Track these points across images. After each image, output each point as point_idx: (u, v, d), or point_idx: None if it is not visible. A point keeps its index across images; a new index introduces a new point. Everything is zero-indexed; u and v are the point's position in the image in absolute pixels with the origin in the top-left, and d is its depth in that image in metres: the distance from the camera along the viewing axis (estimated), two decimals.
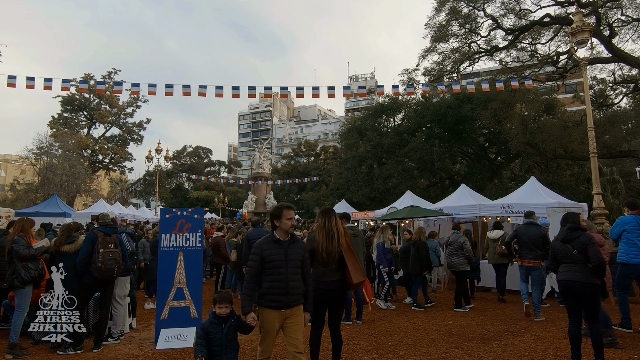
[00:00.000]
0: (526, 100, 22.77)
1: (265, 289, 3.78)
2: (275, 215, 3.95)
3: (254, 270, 3.82)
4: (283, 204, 4.01)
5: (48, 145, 34.46)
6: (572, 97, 28.21)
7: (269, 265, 3.78)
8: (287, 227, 3.89)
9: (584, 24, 10.45)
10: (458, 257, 8.60)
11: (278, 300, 3.77)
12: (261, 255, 3.80)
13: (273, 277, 3.77)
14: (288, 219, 3.90)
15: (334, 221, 4.52)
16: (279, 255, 3.82)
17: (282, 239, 3.89)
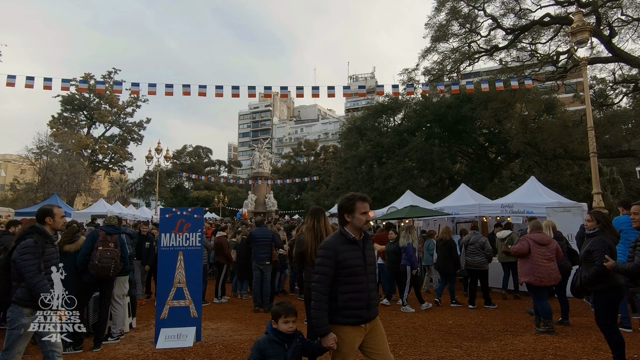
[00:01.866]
0: (526, 100, 22.76)
1: (343, 302, 3.01)
2: (346, 209, 3.18)
3: (327, 278, 3.02)
4: (356, 194, 3.23)
5: (48, 144, 34.49)
6: (572, 96, 28.22)
7: (346, 271, 3.03)
8: (361, 223, 3.14)
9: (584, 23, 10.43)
10: (479, 256, 8.77)
11: (359, 316, 3.07)
12: (336, 258, 3.03)
13: (352, 287, 3.04)
14: (362, 213, 3.14)
15: (323, 222, 4.52)
16: (358, 258, 3.10)
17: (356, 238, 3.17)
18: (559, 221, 9.92)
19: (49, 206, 4.26)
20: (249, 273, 9.46)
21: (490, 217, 12.12)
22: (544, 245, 6.54)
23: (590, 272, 4.44)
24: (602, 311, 4.50)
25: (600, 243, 4.46)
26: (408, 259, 8.63)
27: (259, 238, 8.71)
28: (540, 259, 6.47)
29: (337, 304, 2.99)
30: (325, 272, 3.02)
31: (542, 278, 6.37)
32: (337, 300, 3.00)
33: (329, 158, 50.08)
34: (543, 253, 6.50)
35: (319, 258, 3.08)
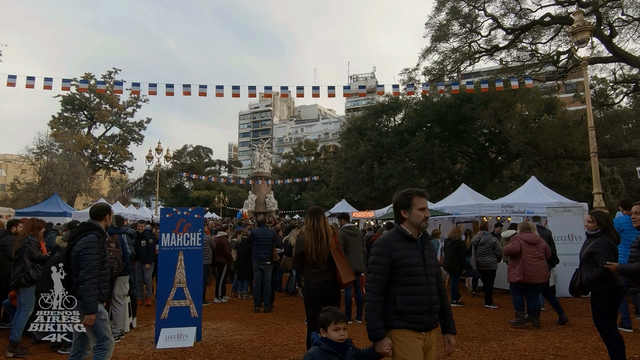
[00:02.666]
0: (526, 100, 22.76)
1: (402, 305, 2.71)
2: (402, 204, 2.91)
3: (382, 278, 2.75)
4: (412, 189, 2.97)
5: (48, 144, 34.51)
6: (573, 96, 28.21)
7: (403, 271, 2.76)
8: (419, 219, 2.85)
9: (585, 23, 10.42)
10: (490, 256, 8.82)
11: (421, 321, 2.76)
12: (391, 256, 2.76)
13: (410, 289, 2.74)
14: (420, 209, 2.87)
15: (322, 222, 4.52)
16: (416, 257, 2.82)
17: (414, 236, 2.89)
18: (559, 221, 9.94)
19: (107, 204, 4.38)
20: (249, 273, 9.46)
21: (490, 217, 12.11)
22: (533, 245, 6.87)
23: (593, 274, 4.41)
24: (601, 312, 4.48)
25: (604, 245, 4.44)
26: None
27: (259, 238, 8.71)
28: (531, 258, 6.78)
29: (395, 307, 2.72)
30: (379, 271, 2.77)
31: (532, 276, 6.69)
32: (395, 303, 2.72)
33: (329, 158, 50.08)
34: (533, 252, 6.83)
35: (373, 256, 2.83)
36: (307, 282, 4.58)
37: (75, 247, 3.87)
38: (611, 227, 4.71)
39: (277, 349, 5.75)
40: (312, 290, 4.51)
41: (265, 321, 7.57)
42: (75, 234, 3.98)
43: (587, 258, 4.56)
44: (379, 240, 2.91)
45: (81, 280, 3.79)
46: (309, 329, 4.59)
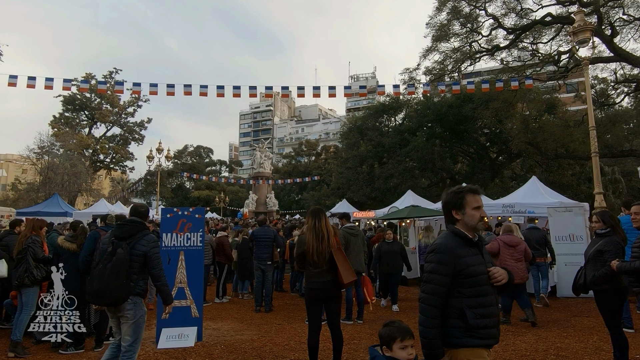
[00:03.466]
0: (527, 100, 22.75)
1: (473, 320, 2.38)
2: (454, 204, 2.59)
3: (442, 290, 2.41)
4: (464, 186, 2.65)
5: (49, 144, 34.54)
6: (574, 96, 28.16)
7: (470, 281, 2.42)
8: (474, 220, 2.53)
9: (586, 23, 10.41)
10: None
11: (492, 336, 2.45)
12: (454, 265, 2.42)
13: (480, 300, 2.42)
14: (475, 208, 2.53)
15: (324, 222, 4.52)
16: (481, 264, 2.48)
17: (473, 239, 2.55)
18: (560, 221, 9.93)
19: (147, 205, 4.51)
20: (249, 272, 9.47)
21: (491, 217, 12.09)
22: (512, 247, 7.22)
23: (600, 272, 4.38)
24: (610, 312, 4.46)
25: (614, 244, 4.42)
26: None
27: (260, 238, 8.71)
28: (509, 259, 7.10)
29: (466, 322, 2.37)
30: (440, 282, 2.41)
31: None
32: (464, 318, 2.38)
33: (329, 158, 50.09)
34: (511, 254, 7.18)
35: (432, 264, 2.47)
36: (308, 282, 4.58)
37: (138, 246, 3.97)
38: (618, 225, 4.70)
39: (278, 349, 5.75)
40: (313, 290, 4.51)
41: (266, 321, 7.57)
42: (131, 232, 4.04)
43: (595, 256, 4.52)
44: (439, 246, 2.51)
45: (158, 277, 4.03)
46: (309, 328, 4.60)
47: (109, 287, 3.76)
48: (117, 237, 3.99)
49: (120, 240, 3.96)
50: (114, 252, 3.87)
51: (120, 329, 4.00)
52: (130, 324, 3.90)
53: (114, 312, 3.99)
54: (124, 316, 3.91)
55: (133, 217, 4.23)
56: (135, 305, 3.93)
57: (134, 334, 3.93)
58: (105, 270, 3.79)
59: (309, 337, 4.55)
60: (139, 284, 4.00)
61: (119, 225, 4.22)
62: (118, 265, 3.80)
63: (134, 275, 3.93)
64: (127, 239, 3.98)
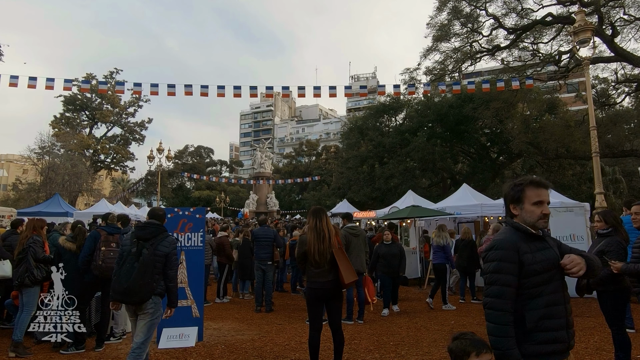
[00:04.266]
0: (528, 100, 22.74)
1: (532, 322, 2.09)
2: (511, 198, 2.34)
3: (510, 291, 2.13)
4: (525, 178, 2.35)
5: (50, 145, 34.56)
6: (574, 96, 28.16)
7: (535, 280, 2.13)
8: (533, 218, 2.24)
9: (586, 23, 10.40)
10: None
11: (560, 339, 2.12)
12: (519, 260, 2.15)
13: (545, 300, 2.13)
14: (536, 202, 2.25)
15: (325, 221, 4.52)
16: (549, 259, 2.18)
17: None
18: (561, 221, 9.93)
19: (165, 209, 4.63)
20: (249, 272, 9.47)
21: (492, 217, 12.10)
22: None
23: (603, 273, 4.37)
24: (613, 312, 4.46)
25: (616, 244, 4.40)
26: (447, 258, 8.89)
27: (260, 238, 8.72)
28: None
29: (523, 326, 2.09)
30: (507, 281, 2.12)
31: None
32: (523, 322, 2.10)
33: (330, 158, 50.07)
34: None
35: (494, 263, 2.18)
36: (309, 282, 4.58)
37: (160, 247, 4.12)
38: (620, 225, 4.69)
39: (278, 349, 5.75)
40: (315, 290, 4.51)
41: (267, 321, 7.57)
42: (153, 234, 4.18)
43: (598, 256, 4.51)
44: (499, 242, 2.22)
45: (172, 278, 4.17)
46: (310, 328, 4.60)
47: (136, 286, 3.92)
48: (140, 239, 4.14)
49: (143, 242, 4.11)
50: (139, 253, 4.03)
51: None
52: (146, 322, 4.04)
53: (134, 310, 4.09)
54: (144, 313, 4.04)
55: (152, 220, 4.37)
56: (155, 305, 4.08)
57: (147, 332, 4.05)
58: (133, 270, 3.96)
59: (310, 337, 4.55)
60: (160, 284, 4.14)
61: (141, 227, 4.35)
62: (145, 265, 3.98)
63: (156, 276, 4.08)
64: (149, 240, 4.13)
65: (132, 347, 4.02)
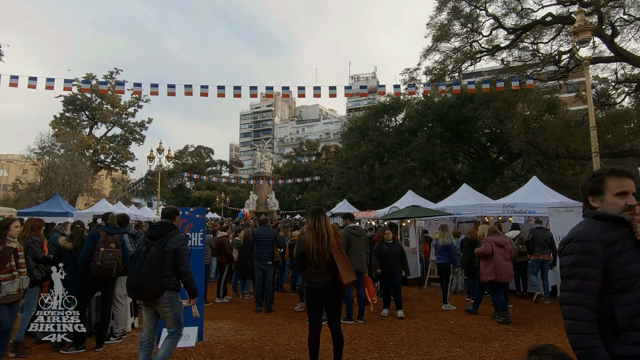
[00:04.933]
0: (528, 100, 22.73)
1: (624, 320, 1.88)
2: (590, 189, 2.16)
3: (593, 285, 1.94)
4: (606, 168, 2.16)
5: (50, 145, 34.55)
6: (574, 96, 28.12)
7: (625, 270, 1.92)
8: (615, 210, 2.03)
9: (586, 23, 10.40)
10: None
11: None
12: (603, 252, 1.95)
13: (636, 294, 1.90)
14: (618, 194, 2.05)
15: (324, 222, 4.53)
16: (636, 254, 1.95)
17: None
18: (561, 221, 9.93)
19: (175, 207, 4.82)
20: (249, 272, 9.46)
21: (492, 217, 12.09)
22: (502, 247, 7.44)
23: None
24: None
25: None
26: (451, 257, 8.94)
27: (260, 238, 8.72)
28: (501, 259, 7.35)
29: (611, 324, 1.90)
30: (587, 275, 1.93)
31: (502, 275, 7.29)
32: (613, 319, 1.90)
33: (330, 158, 50.07)
34: (502, 254, 7.41)
35: (573, 256, 1.99)
36: (308, 282, 4.58)
37: (169, 244, 4.29)
38: None
39: (278, 349, 5.75)
40: (314, 290, 4.51)
41: (267, 321, 7.57)
42: (162, 232, 4.37)
43: None
44: (579, 233, 2.04)
45: (184, 273, 4.33)
46: (310, 328, 4.60)
47: (145, 283, 4.12)
48: (150, 238, 4.35)
49: (153, 240, 4.31)
50: (148, 251, 4.23)
51: (150, 322, 4.39)
52: (170, 316, 4.30)
53: (151, 305, 4.31)
54: (162, 310, 4.26)
55: (163, 219, 4.58)
56: (171, 299, 4.28)
57: (176, 323, 4.34)
58: (142, 268, 4.16)
59: (310, 337, 4.55)
60: (173, 279, 4.31)
61: (152, 226, 4.56)
62: (152, 263, 4.16)
63: (168, 272, 4.26)
64: (159, 239, 4.32)
65: (169, 333, 4.34)
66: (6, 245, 4.77)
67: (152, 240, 4.31)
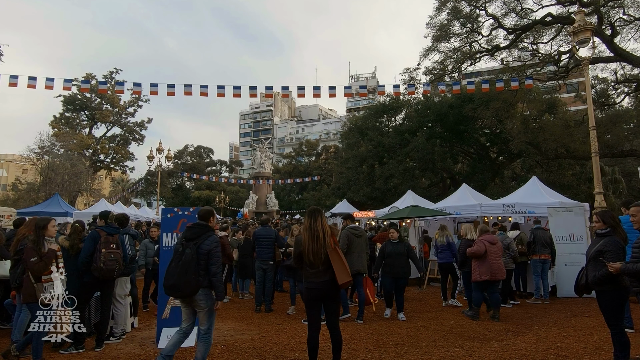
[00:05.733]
0: (528, 100, 22.74)
1: None
2: None
3: None
4: None
5: (50, 144, 34.53)
6: (574, 96, 28.16)
7: None
8: None
9: (586, 23, 10.42)
10: (505, 256, 8.83)
11: None
12: None
13: None
14: None
15: (320, 222, 4.53)
16: None
17: None
18: (561, 221, 9.95)
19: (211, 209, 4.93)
20: (250, 272, 9.46)
21: (491, 217, 12.10)
22: (494, 244, 7.64)
23: (600, 273, 4.37)
24: (611, 312, 4.48)
25: (614, 244, 4.41)
26: (454, 255, 8.99)
27: (262, 238, 8.73)
28: (494, 257, 7.52)
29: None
30: None
31: (496, 273, 7.48)
32: None
33: (330, 158, 50.09)
34: (495, 252, 7.58)
35: None
36: (306, 282, 4.59)
37: (203, 245, 4.48)
38: (618, 225, 4.69)
39: (278, 349, 5.76)
40: (311, 290, 4.52)
41: (267, 321, 7.57)
42: (198, 233, 4.55)
43: (595, 256, 4.51)
44: None
45: (214, 273, 4.48)
46: (309, 328, 4.60)
47: (180, 282, 4.33)
48: (187, 239, 4.54)
49: (189, 241, 4.50)
50: (183, 252, 4.44)
51: (189, 317, 4.62)
52: (204, 312, 4.50)
53: (188, 302, 4.53)
54: (198, 306, 4.47)
55: (199, 221, 4.75)
56: (206, 297, 4.47)
57: (209, 321, 4.54)
58: (177, 268, 4.38)
59: (309, 337, 4.55)
60: (207, 278, 4.48)
61: (188, 227, 4.73)
62: (187, 263, 4.37)
63: (202, 271, 4.43)
64: (194, 240, 4.50)
65: (200, 333, 4.54)
66: (48, 247, 4.96)
67: (187, 242, 4.50)
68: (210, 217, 4.80)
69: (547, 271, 9.34)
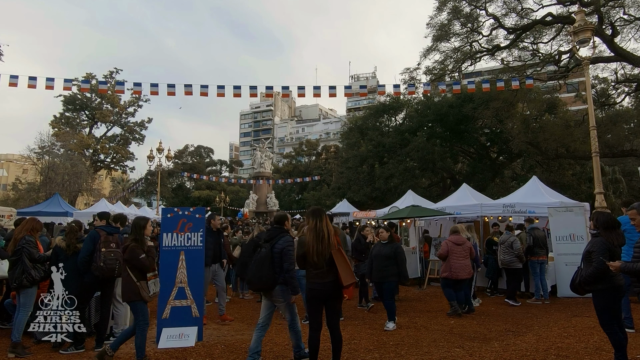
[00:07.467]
0: (528, 100, 22.75)
1: None
2: None
3: None
4: None
5: (50, 144, 34.55)
6: (574, 96, 28.20)
7: None
8: None
9: (586, 23, 10.41)
10: (509, 255, 9.10)
11: None
12: None
13: None
14: None
15: (325, 222, 4.52)
16: None
17: None
18: (561, 221, 9.93)
19: (286, 213, 5.44)
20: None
21: (492, 217, 12.09)
22: (459, 245, 7.95)
23: (587, 272, 4.47)
24: (602, 311, 4.52)
25: (599, 244, 4.49)
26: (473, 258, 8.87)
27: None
28: (456, 257, 7.85)
29: None
30: None
31: (458, 272, 7.79)
32: None
33: (330, 158, 50.05)
34: (459, 252, 7.89)
35: None
36: (309, 283, 4.58)
37: (277, 245, 4.88)
38: (613, 227, 4.69)
39: (278, 349, 5.75)
40: (314, 290, 4.51)
41: None
42: (273, 235, 5.01)
43: (585, 256, 4.63)
44: None
45: (288, 270, 4.81)
46: (310, 328, 4.59)
47: (255, 278, 4.88)
48: (265, 240, 5.09)
49: (267, 242, 5.01)
50: (260, 251, 4.96)
51: (266, 309, 5.09)
52: (284, 306, 4.96)
53: (267, 296, 5.03)
54: (276, 300, 4.95)
55: (276, 224, 5.21)
56: (282, 292, 4.87)
57: (290, 313, 5.00)
58: (254, 265, 4.92)
59: (309, 337, 4.54)
60: (282, 275, 4.85)
61: (268, 231, 5.29)
62: (261, 261, 4.85)
63: (277, 269, 4.83)
64: (270, 241, 4.98)
65: (288, 325, 5.06)
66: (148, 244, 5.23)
67: (265, 242, 5.03)
68: (284, 221, 5.20)
69: (544, 271, 9.39)
